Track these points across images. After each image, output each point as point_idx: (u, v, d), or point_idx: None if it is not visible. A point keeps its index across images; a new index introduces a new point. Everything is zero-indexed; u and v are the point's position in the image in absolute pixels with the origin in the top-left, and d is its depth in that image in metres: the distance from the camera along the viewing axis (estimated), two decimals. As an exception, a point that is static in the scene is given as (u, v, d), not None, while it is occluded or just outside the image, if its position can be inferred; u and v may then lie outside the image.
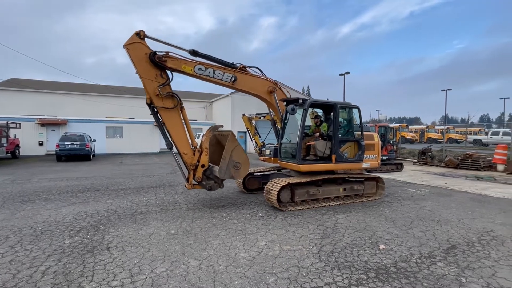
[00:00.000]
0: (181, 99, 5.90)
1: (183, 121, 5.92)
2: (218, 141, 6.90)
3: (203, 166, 5.97)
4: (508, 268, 3.52)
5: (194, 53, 6.03)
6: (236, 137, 6.27)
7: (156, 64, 5.52)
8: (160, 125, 5.89)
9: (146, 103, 5.76)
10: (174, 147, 5.91)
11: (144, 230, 4.74)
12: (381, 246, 4.14)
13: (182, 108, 5.90)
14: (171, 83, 5.80)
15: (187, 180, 6.06)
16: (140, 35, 5.39)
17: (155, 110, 5.75)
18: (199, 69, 5.94)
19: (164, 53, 5.60)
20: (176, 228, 4.86)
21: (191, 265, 3.50)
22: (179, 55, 5.79)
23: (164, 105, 5.67)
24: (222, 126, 6.79)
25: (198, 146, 6.08)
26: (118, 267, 3.45)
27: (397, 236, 4.60)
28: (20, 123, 18.57)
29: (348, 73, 29.85)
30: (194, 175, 5.98)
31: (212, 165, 6.32)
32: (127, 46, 5.30)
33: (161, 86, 5.58)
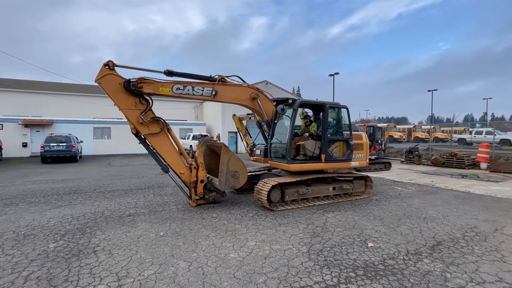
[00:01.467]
0: (166, 122, 5.82)
1: (172, 141, 5.85)
2: (212, 150, 6.91)
3: (202, 181, 6.01)
4: (490, 263, 3.63)
5: (169, 73, 5.81)
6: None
7: (133, 92, 5.35)
8: (151, 151, 5.82)
9: (132, 133, 5.64)
10: (170, 169, 5.89)
11: (132, 233, 4.66)
12: (370, 244, 4.20)
13: (169, 130, 5.83)
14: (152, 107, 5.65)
15: (190, 197, 6.09)
16: (109, 66, 5.19)
17: (143, 138, 5.64)
18: (178, 88, 5.74)
19: (138, 79, 5.37)
20: (165, 230, 4.79)
21: (180, 267, 3.46)
22: (155, 78, 5.57)
23: (150, 131, 5.56)
24: (212, 138, 6.84)
25: (193, 163, 6.06)
26: (104, 270, 3.37)
27: (385, 234, 4.68)
28: (2, 124, 17.98)
29: (337, 73, 30.28)
30: (195, 192, 6.02)
31: (211, 177, 6.37)
32: (98, 80, 5.11)
33: (143, 113, 5.45)
